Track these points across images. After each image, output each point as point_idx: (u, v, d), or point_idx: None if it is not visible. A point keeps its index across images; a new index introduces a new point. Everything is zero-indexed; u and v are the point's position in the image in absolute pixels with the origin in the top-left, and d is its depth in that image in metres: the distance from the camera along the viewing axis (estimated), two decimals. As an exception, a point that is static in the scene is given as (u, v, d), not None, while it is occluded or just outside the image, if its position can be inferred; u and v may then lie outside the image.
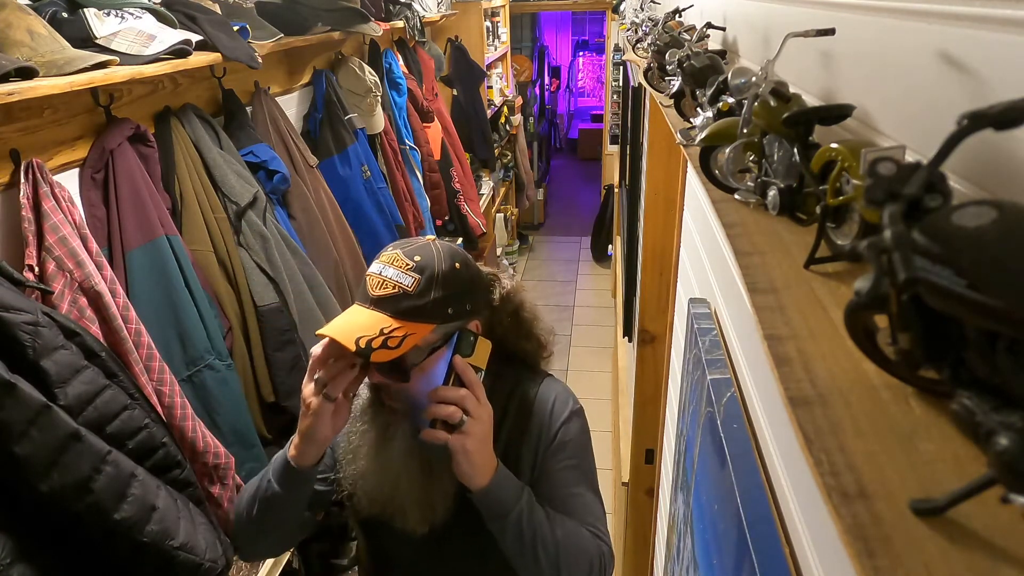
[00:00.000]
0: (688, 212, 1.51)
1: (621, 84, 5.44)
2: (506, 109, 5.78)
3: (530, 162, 7.00)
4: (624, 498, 2.69)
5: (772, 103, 0.71)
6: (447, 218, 3.69)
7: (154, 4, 1.56)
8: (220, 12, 1.76)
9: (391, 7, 3.15)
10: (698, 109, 1.04)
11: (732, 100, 0.88)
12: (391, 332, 0.94)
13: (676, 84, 1.18)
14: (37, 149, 1.34)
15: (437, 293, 0.98)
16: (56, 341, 1.08)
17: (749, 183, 0.78)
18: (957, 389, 0.37)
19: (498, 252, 5.50)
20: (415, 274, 0.97)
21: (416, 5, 3.48)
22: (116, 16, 1.43)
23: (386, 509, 1.09)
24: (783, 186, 0.70)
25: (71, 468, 1.03)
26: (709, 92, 0.97)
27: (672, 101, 1.23)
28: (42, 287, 1.18)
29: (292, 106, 2.45)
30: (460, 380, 0.99)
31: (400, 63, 3.30)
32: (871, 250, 0.38)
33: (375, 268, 1.00)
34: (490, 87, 5.16)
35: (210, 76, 1.90)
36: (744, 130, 0.78)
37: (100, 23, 1.40)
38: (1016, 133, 0.38)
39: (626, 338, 3.67)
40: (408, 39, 3.50)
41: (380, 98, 2.79)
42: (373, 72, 2.78)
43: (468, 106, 4.50)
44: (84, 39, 1.37)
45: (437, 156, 3.51)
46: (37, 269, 1.21)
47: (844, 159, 0.58)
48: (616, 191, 5.39)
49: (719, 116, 0.89)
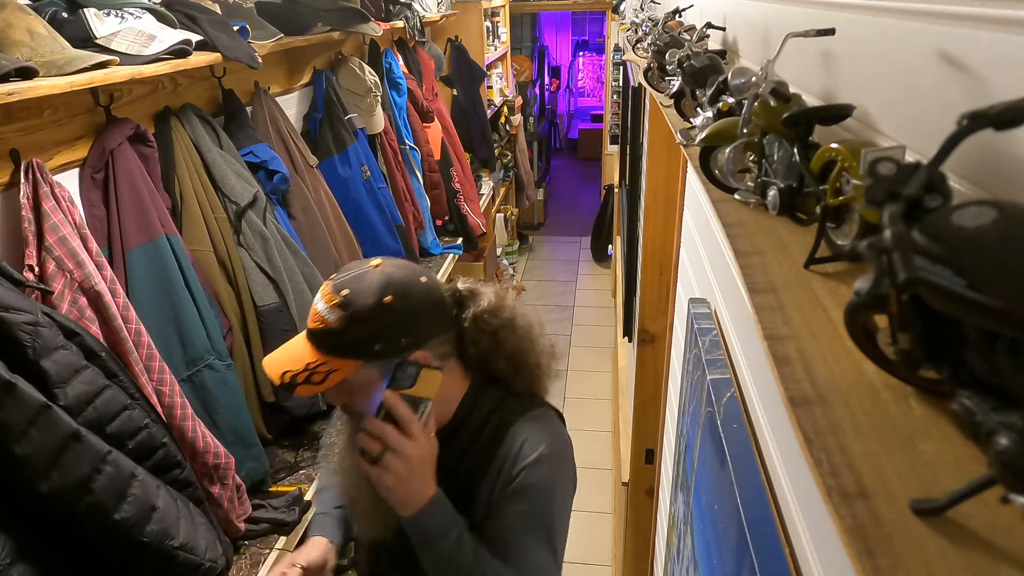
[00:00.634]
0: (688, 212, 1.51)
1: (621, 84, 5.43)
2: (506, 109, 5.77)
3: (530, 162, 6.99)
4: (624, 498, 2.69)
5: (772, 103, 0.71)
6: (447, 218, 3.68)
7: (154, 4, 1.56)
8: (220, 12, 1.76)
9: (391, 7, 3.15)
10: (698, 109, 1.04)
11: (732, 100, 0.88)
12: (316, 367, 0.96)
13: (676, 84, 1.18)
14: (37, 149, 1.34)
15: (359, 331, 0.95)
16: (56, 341, 1.08)
17: (749, 183, 0.78)
18: (957, 389, 0.36)
19: (498, 252, 5.49)
20: (339, 310, 0.96)
21: (416, 5, 3.48)
22: (116, 16, 1.43)
23: (353, 509, 1.11)
24: (783, 186, 0.70)
25: (71, 468, 1.04)
26: (709, 92, 0.97)
27: (672, 101, 1.23)
28: (42, 287, 1.18)
29: (292, 106, 2.45)
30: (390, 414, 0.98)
31: (400, 63, 3.30)
32: (871, 250, 0.38)
33: (315, 298, 1.00)
34: (490, 87, 5.15)
35: (210, 76, 1.91)
36: (744, 130, 0.78)
37: (100, 23, 1.40)
38: (1016, 133, 0.38)
39: (626, 338, 3.67)
40: (408, 39, 3.49)
41: (380, 98, 2.79)
42: (373, 72, 2.78)
43: (468, 106, 4.49)
44: (84, 39, 1.37)
45: (437, 156, 3.51)
46: (37, 269, 1.21)
47: (844, 159, 0.57)
48: (616, 191, 5.39)
49: (719, 116, 0.89)
